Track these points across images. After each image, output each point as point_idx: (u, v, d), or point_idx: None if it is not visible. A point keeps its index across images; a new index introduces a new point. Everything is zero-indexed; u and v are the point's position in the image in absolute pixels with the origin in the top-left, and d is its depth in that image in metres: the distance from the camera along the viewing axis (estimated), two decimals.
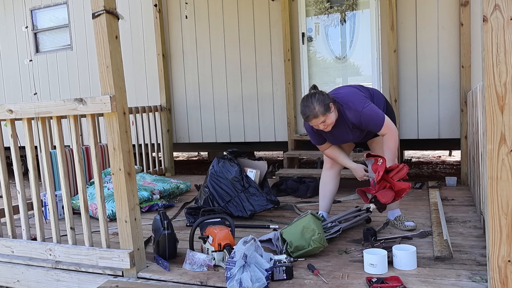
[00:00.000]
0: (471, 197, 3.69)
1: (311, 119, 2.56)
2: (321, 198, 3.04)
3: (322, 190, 3.03)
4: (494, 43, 1.65)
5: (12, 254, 2.69)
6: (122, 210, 2.30)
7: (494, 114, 1.67)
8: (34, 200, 2.60)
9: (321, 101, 2.54)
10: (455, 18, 4.32)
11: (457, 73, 4.37)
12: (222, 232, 2.37)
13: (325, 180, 3.01)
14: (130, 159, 2.30)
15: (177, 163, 9.04)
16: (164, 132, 5.67)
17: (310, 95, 2.59)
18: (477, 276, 2.05)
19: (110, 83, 2.22)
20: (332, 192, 3.02)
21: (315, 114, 2.53)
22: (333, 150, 2.87)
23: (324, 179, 3.02)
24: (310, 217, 2.46)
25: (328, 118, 2.57)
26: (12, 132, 2.64)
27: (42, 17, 6.60)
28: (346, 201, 3.80)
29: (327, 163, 3.02)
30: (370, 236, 2.57)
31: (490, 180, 1.70)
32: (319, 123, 2.57)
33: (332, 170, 3.00)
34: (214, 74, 5.57)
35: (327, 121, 2.58)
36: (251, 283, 1.94)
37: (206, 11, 5.51)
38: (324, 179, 3.02)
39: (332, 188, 3.01)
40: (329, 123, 2.59)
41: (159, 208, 3.81)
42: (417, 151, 8.90)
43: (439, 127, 4.51)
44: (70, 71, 6.46)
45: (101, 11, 2.17)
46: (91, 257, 2.41)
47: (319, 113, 2.53)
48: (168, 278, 2.27)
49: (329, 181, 3.00)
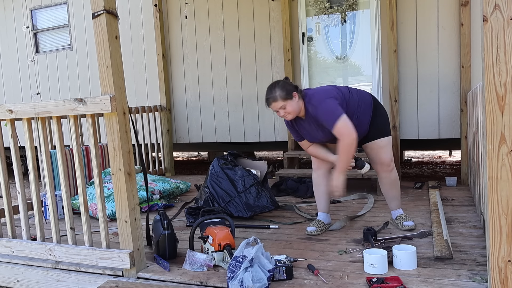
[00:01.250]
0: (471, 197, 3.69)
1: (271, 102, 2.60)
2: (317, 200, 3.03)
3: (316, 192, 3.02)
4: (494, 43, 1.65)
5: (12, 254, 2.69)
6: (122, 210, 2.30)
7: (494, 114, 1.67)
8: (34, 200, 2.60)
9: (283, 87, 2.58)
10: (455, 18, 4.32)
11: (457, 73, 4.37)
12: (222, 232, 2.36)
13: (316, 181, 3.00)
14: (130, 159, 2.30)
15: (177, 163, 9.04)
16: (164, 132, 5.67)
17: (275, 82, 2.65)
18: (477, 276, 2.05)
19: (110, 83, 2.22)
20: (325, 192, 2.98)
21: (274, 98, 2.57)
22: (314, 147, 2.87)
23: (315, 181, 3.01)
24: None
25: (288, 104, 2.58)
26: (12, 132, 2.64)
27: (42, 17, 6.60)
28: (346, 201, 3.80)
29: (313, 163, 3.00)
30: (371, 236, 2.56)
31: (490, 180, 1.70)
32: (278, 107, 2.59)
33: (320, 170, 2.97)
34: (214, 74, 5.57)
35: (287, 107, 2.58)
36: (252, 283, 1.94)
37: (206, 11, 5.51)
38: (315, 181, 3.01)
39: (324, 188, 2.97)
40: (289, 110, 2.59)
41: (159, 208, 3.80)
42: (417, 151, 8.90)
43: (439, 127, 4.51)
44: (70, 71, 6.46)
45: (101, 11, 2.17)
46: (91, 257, 2.41)
47: (279, 97, 2.56)
48: (168, 278, 2.27)
49: (320, 183, 2.98)
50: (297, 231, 2.96)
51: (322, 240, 2.73)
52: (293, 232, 2.95)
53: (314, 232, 2.88)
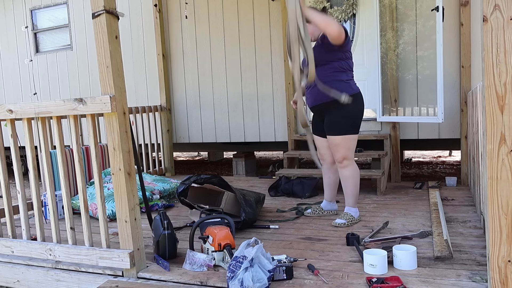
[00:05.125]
0: (471, 197, 3.69)
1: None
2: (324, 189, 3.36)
3: (323, 182, 3.34)
4: (494, 43, 1.65)
5: (12, 254, 2.69)
6: (122, 210, 2.30)
7: (494, 114, 1.67)
8: (34, 200, 2.60)
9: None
10: (455, 18, 4.32)
11: (457, 73, 4.37)
12: (222, 232, 2.37)
13: (323, 171, 3.32)
14: (130, 159, 2.30)
15: (177, 163, 9.04)
16: (164, 132, 5.67)
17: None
18: (477, 276, 2.05)
19: (110, 83, 2.22)
20: (328, 183, 3.29)
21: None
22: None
23: (322, 171, 3.32)
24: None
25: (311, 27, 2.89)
26: (12, 132, 2.64)
27: (42, 17, 6.60)
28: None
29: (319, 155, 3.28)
30: (355, 240, 2.57)
31: (490, 180, 1.70)
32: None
33: (324, 163, 3.27)
34: (214, 74, 5.57)
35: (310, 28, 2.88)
36: (252, 283, 1.94)
37: (206, 11, 5.51)
38: (322, 171, 3.32)
39: (327, 180, 3.29)
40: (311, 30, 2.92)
41: (159, 208, 3.80)
42: (417, 151, 8.90)
43: (439, 127, 4.51)
44: (70, 71, 6.46)
45: (101, 11, 2.17)
46: (91, 257, 2.41)
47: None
48: (168, 278, 2.27)
49: (324, 174, 3.30)
50: (297, 231, 2.96)
51: (322, 240, 2.73)
52: (293, 232, 2.95)
53: (309, 213, 3.32)
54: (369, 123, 4.77)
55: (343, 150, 2.95)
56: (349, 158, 2.97)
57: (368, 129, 4.78)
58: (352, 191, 3.04)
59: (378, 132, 4.76)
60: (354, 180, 3.01)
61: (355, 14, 4.80)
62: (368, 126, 4.78)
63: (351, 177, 3.00)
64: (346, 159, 2.97)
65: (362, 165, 7.36)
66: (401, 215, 3.22)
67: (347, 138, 2.93)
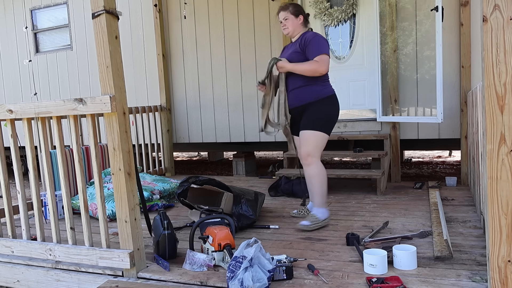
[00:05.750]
0: (471, 197, 3.69)
1: (280, 10, 3.06)
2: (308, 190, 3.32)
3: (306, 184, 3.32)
4: (494, 43, 1.65)
5: (12, 254, 2.69)
6: (122, 210, 2.30)
7: (494, 114, 1.67)
8: (34, 200, 2.60)
9: (296, 7, 3.06)
10: (455, 18, 4.32)
11: (457, 73, 4.37)
12: (222, 232, 2.37)
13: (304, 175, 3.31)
14: (130, 159, 2.30)
15: (177, 163, 9.04)
16: (164, 132, 5.67)
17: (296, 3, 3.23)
18: (477, 276, 2.05)
19: (110, 83, 2.22)
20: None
21: (285, 8, 3.04)
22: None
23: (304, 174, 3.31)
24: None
25: (291, 20, 3.03)
26: (12, 132, 2.64)
27: (42, 17, 6.60)
28: (344, 201, 3.79)
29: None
30: (355, 240, 2.57)
31: (490, 180, 1.70)
32: (283, 17, 3.04)
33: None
34: (214, 74, 5.57)
35: (289, 22, 3.03)
36: (252, 282, 1.94)
37: (206, 11, 5.51)
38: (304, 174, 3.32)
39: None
40: (289, 24, 3.03)
41: (159, 208, 3.81)
42: (417, 151, 8.90)
43: (439, 127, 4.51)
44: (70, 71, 6.46)
45: (101, 11, 2.17)
46: (91, 257, 2.41)
47: (288, 10, 3.03)
48: (168, 278, 2.27)
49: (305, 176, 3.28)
50: (297, 231, 2.96)
51: (322, 240, 2.74)
52: (293, 232, 2.95)
53: (294, 214, 3.37)
54: (369, 123, 4.77)
55: (310, 146, 2.94)
56: (313, 155, 2.95)
57: (368, 129, 4.78)
58: (317, 190, 3.01)
59: (378, 132, 4.76)
60: (319, 179, 2.98)
61: (355, 14, 4.80)
62: (368, 126, 4.78)
63: (316, 175, 2.98)
64: (311, 156, 2.95)
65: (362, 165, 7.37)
66: (401, 215, 3.22)
67: (317, 134, 2.94)
